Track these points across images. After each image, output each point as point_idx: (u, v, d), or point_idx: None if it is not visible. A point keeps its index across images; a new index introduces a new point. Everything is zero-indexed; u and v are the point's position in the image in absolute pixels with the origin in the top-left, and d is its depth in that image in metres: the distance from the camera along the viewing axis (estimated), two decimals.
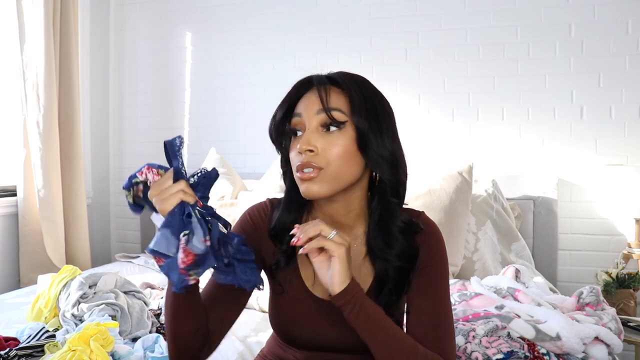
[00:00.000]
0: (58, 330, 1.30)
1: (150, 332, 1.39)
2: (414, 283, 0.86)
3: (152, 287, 1.90)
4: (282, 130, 0.86)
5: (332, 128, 0.81)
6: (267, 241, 0.91)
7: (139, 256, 2.56)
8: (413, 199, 1.89)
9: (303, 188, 0.82)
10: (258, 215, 0.93)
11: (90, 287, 1.41)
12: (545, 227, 2.24)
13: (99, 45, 2.90)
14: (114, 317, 1.35)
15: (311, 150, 0.80)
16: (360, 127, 0.81)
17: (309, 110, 0.82)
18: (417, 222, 0.87)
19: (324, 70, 0.89)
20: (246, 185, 2.34)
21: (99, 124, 2.93)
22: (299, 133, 0.84)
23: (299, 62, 2.63)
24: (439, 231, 0.90)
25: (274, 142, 0.89)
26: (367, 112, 0.82)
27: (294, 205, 0.90)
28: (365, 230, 0.89)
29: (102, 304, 1.34)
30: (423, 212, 0.92)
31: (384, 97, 0.88)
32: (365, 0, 2.54)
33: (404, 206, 0.91)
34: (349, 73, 0.87)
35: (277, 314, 0.92)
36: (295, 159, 0.83)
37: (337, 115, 0.81)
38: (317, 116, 0.81)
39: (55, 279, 1.48)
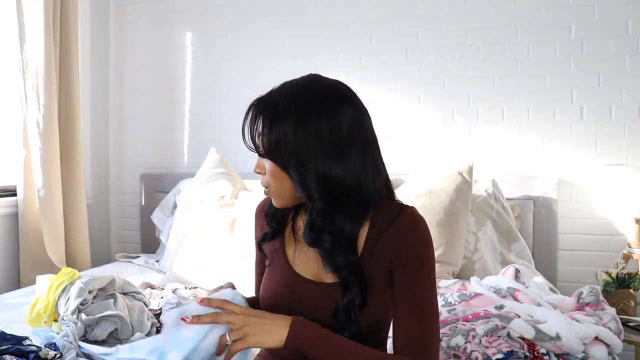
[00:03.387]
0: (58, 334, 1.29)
1: (149, 333, 1.39)
2: (395, 281, 0.85)
3: (152, 287, 1.90)
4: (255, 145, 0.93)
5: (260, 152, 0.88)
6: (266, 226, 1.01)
7: (139, 256, 2.56)
8: (413, 199, 1.89)
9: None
10: (261, 212, 1.04)
11: (89, 292, 1.40)
12: (545, 227, 2.24)
13: (99, 45, 2.90)
14: (115, 330, 1.34)
15: (259, 172, 0.91)
16: (266, 150, 0.86)
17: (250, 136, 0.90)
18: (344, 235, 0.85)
19: (323, 69, 0.91)
20: (246, 185, 2.34)
21: (99, 124, 2.93)
22: None
23: (299, 62, 2.63)
24: (424, 228, 0.86)
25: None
26: (274, 133, 0.83)
27: None
28: None
29: (101, 317, 1.34)
30: (410, 207, 0.88)
31: (325, 105, 0.83)
32: (365, 0, 2.53)
33: (397, 200, 0.92)
34: (282, 86, 0.89)
35: (263, 287, 0.98)
36: None
37: (261, 140, 0.87)
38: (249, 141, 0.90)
39: (54, 282, 1.47)
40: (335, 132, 0.82)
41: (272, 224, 0.98)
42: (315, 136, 0.82)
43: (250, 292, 1.16)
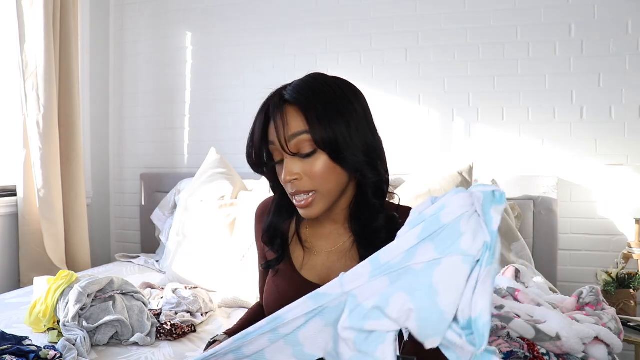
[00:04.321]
0: (58, 340, 1.29)
1: (149, 333, 1.39)
2: None
3: (152, 287, 1.90)
4: (262, 154, 0.87)
5: (304, 153, 0.82)
6: None
7: (139, 256, 2.56)
8: (413, 199, 1.89)
9: (302, 213, 0.86)
10: (262, 215, 1.03)
11: (88, 295, 1.39)
12: (545, 227, 2.24)
13: (99, 45, 2.90)
14: (115, 333, 1.34)
15: (296, 178, 0.83)
16: (326, 146, 0.81)
17: (279, 138, 0.83)
18: (396, 217, 0.88)
19: (323, 69, 0.91)
20: (246, 185, 2.34)
21: (99, 124, 2.93)
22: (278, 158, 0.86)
23: (299, 62, 2.63)
24: None
25: (253, 166, 0.88)
26: (330, 125, 0.81)
27: (284, 210, 0.97)
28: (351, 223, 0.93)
29: (101, 324, 1.33)
30: (408, 208, 0.92)
31: (348, 89, 0.87)
32: (365, 0, 2.53)
33: (396, 203, 0.94)
34: (304, 82, 0.86)
35: (267, 292, 0.97)
36: (284, 185, 0.86)
37: (302, 139, 0.81)
38: (288, 144, 0.82)
39: (52, 285, 1.46)
40: (367, 115, 0.88)
41: (277, 248, 0.96)
42: (359, 123, 0.85)
43: (251, 293, 1.17)
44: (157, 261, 2.43)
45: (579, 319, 1.28)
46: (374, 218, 0.87)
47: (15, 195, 2.31)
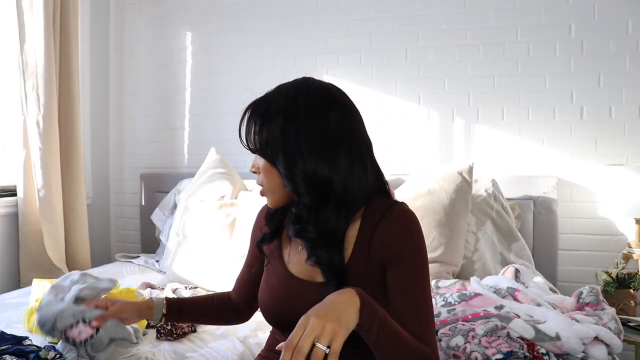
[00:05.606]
0: (58, 340, 1.28)
1: (148, 334, 1.39)
2: (389, 276, 0.86)
3: (152, 287, 1.91)
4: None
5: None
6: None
7: (139, 256, 2.57)
8: (413, 199, 1.89)
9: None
10: (263, 211, 1.10)
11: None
12: (545, 227, 2.24)
13: (99, 45, 2.90)
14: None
15: (254, 171, 0.95)
16: (260, 147, 0.90)
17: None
18: (332, 235, 0.86)
19: (323, 69, 0.92)
20: (246, 185, 2.34)
21: (99, 124, 2.93)
22: None
23: (299, 62, 2.63)
24: (413, 221, 0.87)
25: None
26: (267, 139, 0.87)
27: None
28: None
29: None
30: (400, 203, 0.90)
31: (318, 112, 0.86)
32: (365, 0, 2.53)
33: (392, 197, 0.95)
34: (274, 93, 0.92)
35: (262, 290, 1.01)
36: None
37: (252, 142, 0.91)
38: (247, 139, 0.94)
39: None
40: (323, 133, 0.86)
41: (271, 224, 1.01)
42: (302, 135, 0.85)
43: None
44: (157, 261, 2.44)
45: (579, 319, 1.28)
46: (302, 229, 0.88)
47: (15, 195, 2.31)
